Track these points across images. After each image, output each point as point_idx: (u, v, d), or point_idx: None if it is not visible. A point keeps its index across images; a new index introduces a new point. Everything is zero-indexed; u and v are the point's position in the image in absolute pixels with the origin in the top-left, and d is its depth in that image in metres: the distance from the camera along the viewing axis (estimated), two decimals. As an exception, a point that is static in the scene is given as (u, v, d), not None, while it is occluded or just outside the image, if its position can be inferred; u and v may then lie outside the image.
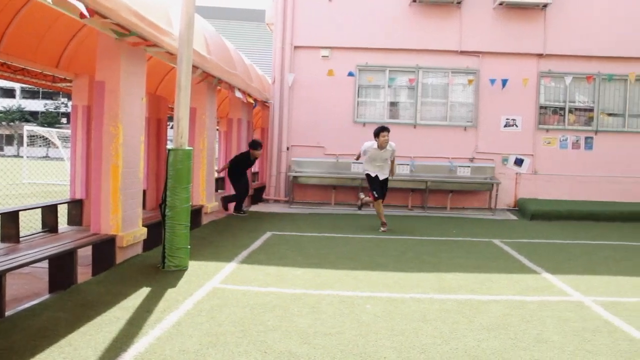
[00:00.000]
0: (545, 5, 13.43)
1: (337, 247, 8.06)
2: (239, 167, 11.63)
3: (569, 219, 12.23)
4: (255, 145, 11.63)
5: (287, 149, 13.97)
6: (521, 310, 5.05)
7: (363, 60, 13.91)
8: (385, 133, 9.62)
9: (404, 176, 13.39)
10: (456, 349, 4.01)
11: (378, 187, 9.92)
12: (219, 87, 10.51)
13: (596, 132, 13.98)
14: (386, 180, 10.08)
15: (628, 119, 14.06)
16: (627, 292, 5.92)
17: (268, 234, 9.04)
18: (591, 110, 14.11)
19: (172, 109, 9.67)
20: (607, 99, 14.08)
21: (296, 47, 13.93)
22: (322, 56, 13.86)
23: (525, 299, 5.50)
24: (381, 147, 9.66)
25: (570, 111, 14.11)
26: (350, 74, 13.64)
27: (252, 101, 12.62)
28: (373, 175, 9.94)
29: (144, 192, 10.18)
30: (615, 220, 12.26)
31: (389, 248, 8.17)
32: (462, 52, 13.83)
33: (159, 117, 11.01)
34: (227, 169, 11.84)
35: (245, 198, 11.95)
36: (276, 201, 13.93)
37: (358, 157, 10.41)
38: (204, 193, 9.98)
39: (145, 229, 7.06)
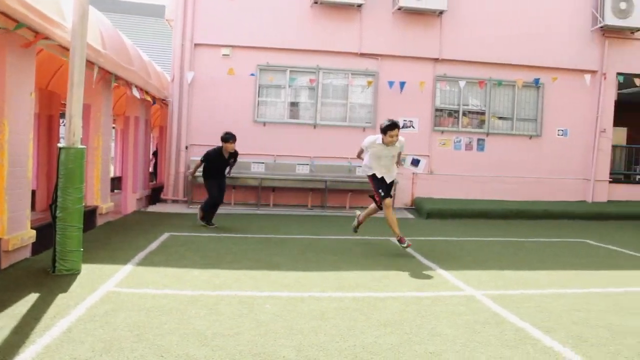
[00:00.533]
0: (441, 12, 13.96)
1: (236, 247, 8.00)
2: (213, 165, 10.10)
3: (462, 217, 12.78)
4: (227, 137, 10.02)
5: (186, 148, 13.72)
6: (416, 306, 5.22)
7: (264, 59, 13.88)
8: (395, 131, 7.83)
9: (304, 176, 13.51)
10: (354, 346, 4.08)
11: (384, 186, 8.21)
12: (116, 84, 10.13)
13: (487, 134, 14.70)
14: (392, 184, 8.44)
15: (516, 122, 14.91)
16: (513, 285, 6.28)
17: (166, 235, 8.84)
18: (483, 113, 14.84)
19: (64, 105, 9.26)
20: (498, 103, 14.86)
21: (196, 45, 13.70)
22: (223, 54, 13.71)
23: (420, 294, 5.69)
24: (388, 144, 7.99)
25: (464, 114, 14.76)
26: (252, 74, 13.58)
27: (149, 99, 12.30)
28: (379, 176, 8.24)
29: (34, 192, 9.67)
30: (505, 217, 12.94)
31: (288, 247, 8.20)
32: (362, 54, 14.11)
33: (51, 113, 10.51)
34: (200, 168, 10.26)
35: (217, 207, 10.21)
36: (174, 201, 13.65)
37: (360, 154, 8.66)
38: (98, 193, 9.62)
39: (34, 232, 6.70)
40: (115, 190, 14.60)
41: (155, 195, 13.87)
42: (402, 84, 13.87)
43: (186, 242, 8.32)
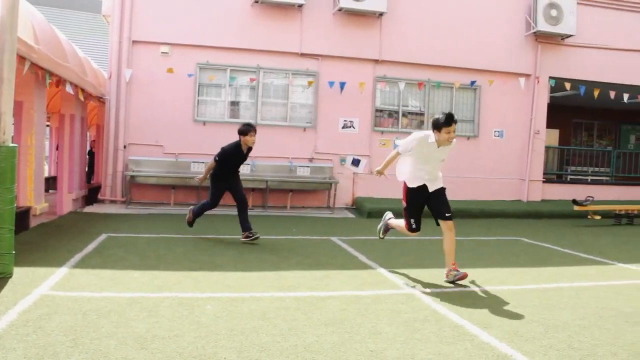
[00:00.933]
0: (381, 14, 14.11)
1: (176, 248, 7.89)
2: (229, 165, 8.77)
3: (402, 216, 12.90)
4: (246, 129, 8.53)
5: (124, 147, 13.41)
6: (357, 305, 5.26)
7: (204, 58, 13.72)
8: (453, 127, 6.22)
9: (245, 175, 13.37)
10: (295, 345, 4.08)
11: (419, 211, 6.83)
12: (50, 81, 9.79)
13: (426, 135, 14.93)
14: (442, 191, 6.70)
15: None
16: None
17: (103, 236, 8.62)
18: (422, 114, 15.09)
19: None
20: (436, 104, 15.12)
21: (134, 42, 13.40)
22: (162, 52, 13.47)
23: (361, 293, 5.74)
24: (441, 144, 6.39)
25: (403, 115, 14.98)
26: (190, 75, 13.40)
27: (81, 96, 11.95)
28: (415, 186, 6.69)
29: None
30: (442, 217, 13.17)
31: (228, 248, 8.14)
32: (303, 55, 14.12)
33: (-21, 111, 10.10)
34: (212, 169, 8.78)
35: (247, 209, 8.90)
36: (112, 202, 13.32)
37: (393, 160, 7.14)
38: (32, 194, 9.29)
39: (-38, 234, 6.43)
40: (50, 191, 14.19)
41: (92, 195, 13.51)
42: (342, 85, 13.96)
43: (125, 243, 8.14)
